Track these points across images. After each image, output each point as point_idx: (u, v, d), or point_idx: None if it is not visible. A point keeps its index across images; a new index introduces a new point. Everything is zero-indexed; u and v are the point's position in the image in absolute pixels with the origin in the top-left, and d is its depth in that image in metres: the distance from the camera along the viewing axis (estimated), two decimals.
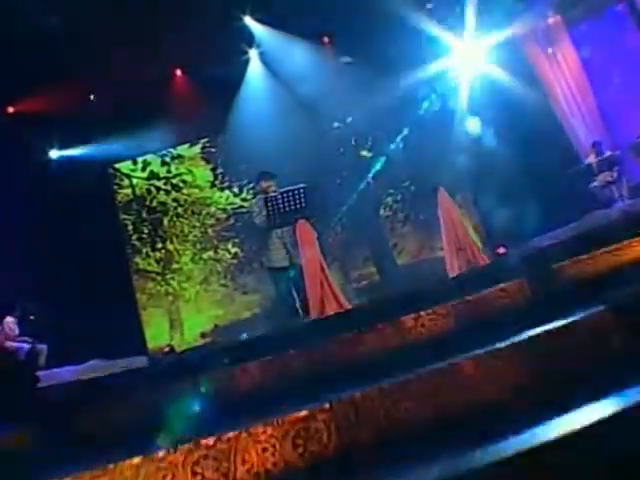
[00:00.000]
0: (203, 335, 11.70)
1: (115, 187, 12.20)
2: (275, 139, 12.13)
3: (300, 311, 6.01)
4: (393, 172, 12.91)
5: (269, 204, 5.29)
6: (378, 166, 13.01)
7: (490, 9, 12.59)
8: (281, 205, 5.27)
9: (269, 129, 12.11)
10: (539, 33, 13.12)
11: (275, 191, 6.27)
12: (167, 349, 10.50)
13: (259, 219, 6.19)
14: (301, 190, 5.31)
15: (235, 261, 12.17)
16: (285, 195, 5.28)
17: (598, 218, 10.66)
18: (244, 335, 8.51)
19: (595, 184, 11.05)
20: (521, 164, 12.00)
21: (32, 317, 9.06)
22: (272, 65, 12.20)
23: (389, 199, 12.92)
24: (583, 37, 12.82)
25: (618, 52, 12.37)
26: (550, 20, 13.09)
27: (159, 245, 12.00)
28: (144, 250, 11.93)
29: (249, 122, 11.94)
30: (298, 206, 5.33)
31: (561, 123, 12.59)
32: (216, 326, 11.77)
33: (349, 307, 4.90)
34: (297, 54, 11.89)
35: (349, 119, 13.12)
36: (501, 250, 11.36)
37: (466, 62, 13.01)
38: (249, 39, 12.05)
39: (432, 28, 11.97)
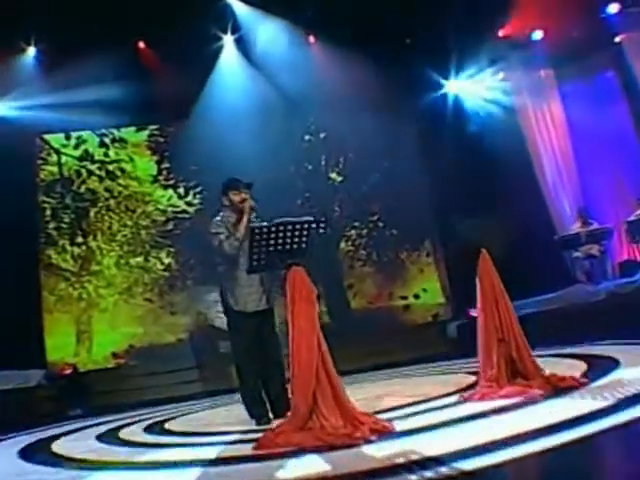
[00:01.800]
0: (115, 355, 9.82)
1: (39, 162, 10.18)
2: (237, 140, 10.55)
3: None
4: (362, 202, 11.58)
5: (256, 237, 3.71)
6: (346, 193, 11.68)
7: (480, 51, 11.83)
8: (273, 241, 3.69)
9: (233, 127, 10.53)
10: (530, 83, 12.48)
11: (253, 207, 4.69)
12: (69, 370, 8.61)
13: (230, 247, 4.55)
14: (307, 225, 3.76)
15: (167, 274, 10.37)
16: (282, 229, 3.69)
17: (583, 294, 9.84)
18: None
19: (578, 254, 10.28)
20: (497, 220, 11.02)
21: None
22: (249, 53, 10.61)
23: (353, 232, 11.53)
24: (572, 96, 12.37)
25: (604, 120, 11.83)
26: (542, 73, 12.44)
27: (80, 239, 10.03)
28: (61, 242, 9.92)
29: (212, 115, 10.29)
30: (296, 247, 3.78)
31: (540, 180, 11.94)
32: (131, 347, 9.91)
33: (362, 416, 3.40)
34: (281, 44, 10.38)
35: (323, 134, 11.68)
36: (473, 312, 10.29)
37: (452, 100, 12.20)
38: (225, 23, 10.44)
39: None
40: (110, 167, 10.41)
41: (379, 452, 2.81)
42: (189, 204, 10.72)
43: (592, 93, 12.10)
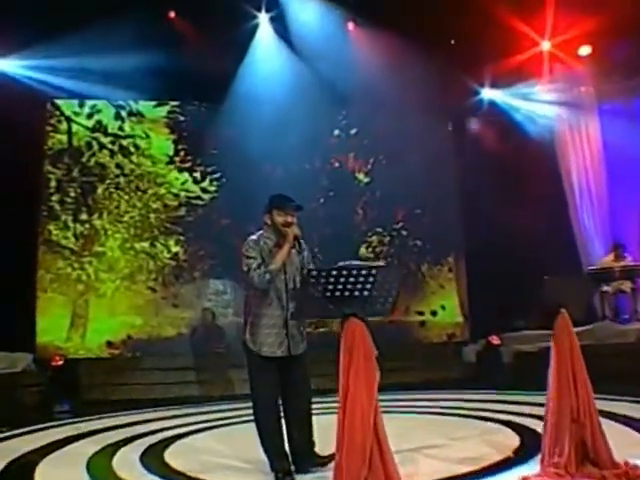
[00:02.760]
0: (110, 344, 9.15)
1: (48, 129, 9.44)
2: (263, 128, 9.86)
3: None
4: (388, 208, 10.87)
5: (312, 281, 2.97)
6: (371, 196, 10.97)
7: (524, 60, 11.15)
8: (331, 286, 2.98)
9: (260, 113, 9.82)
10: (570, 99, 11.88)
11: (297, 237, 3.94)
12: (59, 361, 7.94)
13: (259, 278, 3.80)
14: (375, 272, 3.04)
15: (174, 263, 9.68)
16: (345, 274, 2.98)
17: (611, 332, 9.29)
18: None
19: (607, 289, 9.73)
20: (522, 247, 10.47)
21: None
22: (284, 34, 9.86)
23: (374, 238, 10.84)
24: (611, 117, 11.73)
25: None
26: (582, 89, 11.77)
27: (84, 217, 9.32)
28: (63, 218, 9.21)
29: (239, 98, 9.59)
30: (357, 293, 3.08)
31: (570, 204, 11.38)
32: (129, 337, 9.25)
33: None
34: (318, 27, 9.63)
35: (354, 130, 10.95)
36: (495, 340, 9.70)
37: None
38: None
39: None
40: (124, 142, 9.68)
41: None
42: (204, 190, 10.01)
43: (630, 115, 11.59)
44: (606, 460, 3.29)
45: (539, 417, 5.11)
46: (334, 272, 3.02)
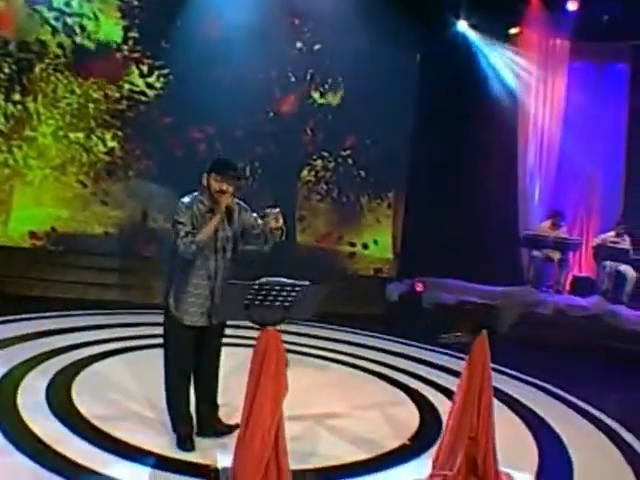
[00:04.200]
0: (33, 234, 8.85)
1: None
2: (223, 27, 9.44)
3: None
4: (338, 133, 10.63)
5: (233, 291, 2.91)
6: (322, 118, 10.67)
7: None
8: (251, 296, 2.91)
9: (222, 12, 9.32)
10: (541, 50, 11.64)
11: (230, 208, 3.80)
12: None
13: (184, 247, 3.68)
14: (299, 289, 2.98)
15: (108, 158, 9.23)
16: (268, 288, 2.91)
17: (530, 299, 9.67)
18: None
19: (537, 254, 10.09)
20: (469, 195, 10.61)
21: None
22: None
23: (319, 162, 10.66)
24: (579, 75, 11.62)
25: (600, 113, 11.38)
26: (558, 42, 11.51)
27: (17, 97, 8.63)
28: None
29: None
30: (277, 304, 3.03)
31: (519, 164, 11.37)
32: (53, 230, 8.95)
33: None
34: None
35: (317, 47, 10.44)
36: (419, 287, 9.97)
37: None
38: None
39: None
40: (69, 20, 8.84)
41: None
42: (150, 86, 9.44)
43: (598, 79, 11.54)
44: (491, 476, 3.53)
45: (446, 391, 5.46)
46: (256, 286, 2.96)
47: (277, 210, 3.78)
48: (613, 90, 11.25)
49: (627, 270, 9.44)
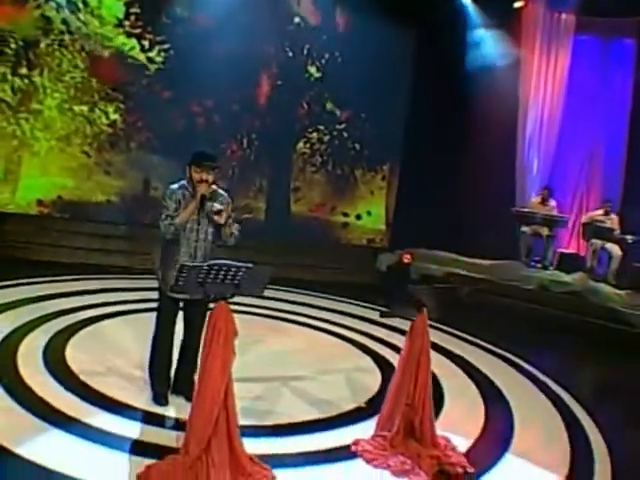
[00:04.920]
0: (40, 202, 9.37)
1: None
2: (222, 3, 9.64)
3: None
4: (334, 107, 10.99)
5: (187, 272, 3.38)
6: (318, 92, 10.98)
7: None
8: (203, 274, 3.39)
9: None
10: (545, 24, 11.60)
11: (205, 197, 4.22)
12: None
13: (165, 228, 4.14)
14: (244, 270, 3.45)
15: (110, 130, 9.67)
16: (217, 268, 3.38)
17: (514, 274, 10.01)
18: None
19: (525, 229, 10.39)
20: (463, 169, 10.86)
21: None
22: None
23: (314, 135, 11.02)
24: (584, 50, 11.64)
25: (604, 89, 11.45)
26: (563, 16, 11.48)
27: (24, 71, 9.02)
28: (2, 70, 8.88)
29: None
30: (233, 282, 3.50)
31: (518, 140, 11.54)
32: (59, 198, 9.45)
33: (244, 458, 3.42)
34: None
35: (314, 23, 10.67)
36: (406, 259, 10.37)
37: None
38: None
39: None
40: None
41: None
42: (151, 60, 9.78)
43: (604, 55, 11.58)
44: (428, 440, 4.00)
45: None
46: (206, 267, 3.42)
47: (220, 207, 4.16)
48: (619, 66, 11.28)
49: (612, 248, 9.65)
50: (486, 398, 5.31)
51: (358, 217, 11.47)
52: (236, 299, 3.51)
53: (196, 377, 4.47)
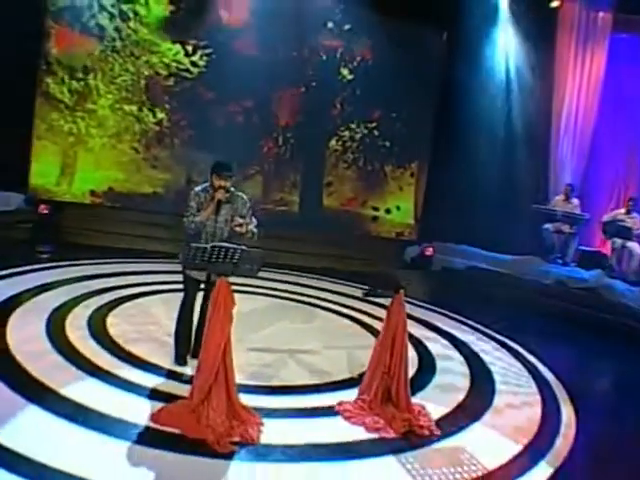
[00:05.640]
0: (93, 193, 10.39)
1: None
2: (260, 12, 10.47)
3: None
4: (365, 107, 11.59)
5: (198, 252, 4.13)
6: (351, 93, 11.61)
7: None
8: (215, 256, 4.13)
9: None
10: (582, 23, 11.76)
11: (221, 200, 4.92)
12: (45, 210, 9.23)
13: (187, 224, 4.90)
14: (240, 251, 4.16)
15: (157, 128, 10.60)
16: (218, 249, 4.11)
17: (533, 270, 10.35)
18: None
19: (548, 226, 10.72)
20: (491, 167, 11.26)
21: None
22: None
23: (346, 133, 11.67)
24: (621, 48, 11.74)
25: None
26: (600, 14, 11.66)
27: (80, 74, 10.05)
28: (60, 74, 9.92)
29: None
30: (231, 262, 4.22)
31: (552, 138, 11.82)
32: (110, 189, 10.46)
33: (238, 405, 4.15)
34: None
35: (347, 26, 11.32)
36: (428, 252, 10.92)
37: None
38: None
39: None
40: (124, 7, 10.11)
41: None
42: (194, 64, 10.63)
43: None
44: (403, 405, 4.63)
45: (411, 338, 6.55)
46: (209, 248, 4.16)
47: (240, 221, 4.86)
48: None
49: (634, 247, 9.86)
50: (474, 376, 5.89)
51: (388, 211, 12.06)
52: (273, 286, 4.15)
53: None
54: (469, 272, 10.70)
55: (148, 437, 3.77)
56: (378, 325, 7.25)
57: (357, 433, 4.28)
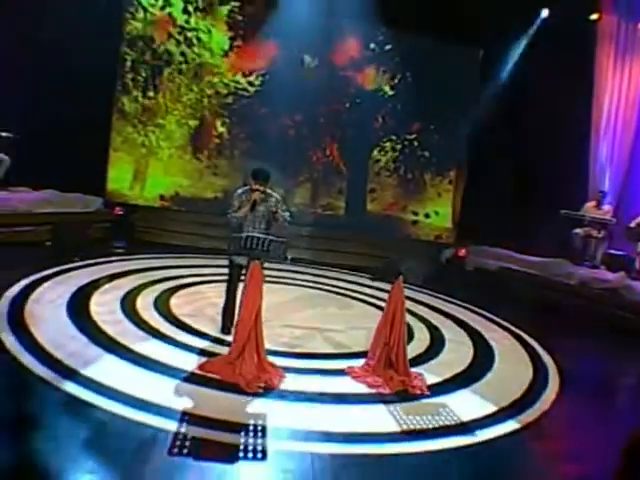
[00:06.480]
0: (162, 197, 11.85)
1: (127, 15, 11.38)
2: (307, 37, 11.57)
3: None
4: (405, 121, 12.61)
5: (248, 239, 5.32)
6: (392, 107, 12.62)
7: None
8: (249, 244, 5.31)
9: (307, 26, 11.46)
10: (620, 35, 12.23)
11: (256, 201, 6.05)
12: (119, 211, 10.71)
13: (230, 218, 6.12)
14: (269, 241, 5.31)
15: (217, 140, 11.99)
16: (257, 239, 5.30)
17: (560, 270, 10.97)
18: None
19: (578, 231, 11.25)
20: (526, 174, 11.95)
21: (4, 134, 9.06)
22: None
23: (388, 144, 12.70)
24: None
25: None
26: (639, 26, 12.16)
27: (151, 94, 11.56)
28: (134, 93, 11.48)
29: (293, 5, 11.17)
30: (262, 249, 5.38)
31: (591, 147, 12.27)
32: (177, 194, 11.90)
33: (265, 362, 5.26)
34: None
35: (388, 47, 12.39)
36: (461, 253, 11.75)
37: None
38: None
39: None
40: (189, 34, 11.56)
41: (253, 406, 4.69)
42: (251, 84, 11.95)
43: None
44: (401, 371, 5.64)
45: (423, 321, 7.52)
46: (245, 238, 5.33)
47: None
48: None
49: None
50: (477, 356, 6.80)
51: (427, 216, 12.98)
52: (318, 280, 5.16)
53: None
54: (500, 272, 11.46)
55: (195, 379, 4.96)
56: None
57: (359, 388, 5.32)
